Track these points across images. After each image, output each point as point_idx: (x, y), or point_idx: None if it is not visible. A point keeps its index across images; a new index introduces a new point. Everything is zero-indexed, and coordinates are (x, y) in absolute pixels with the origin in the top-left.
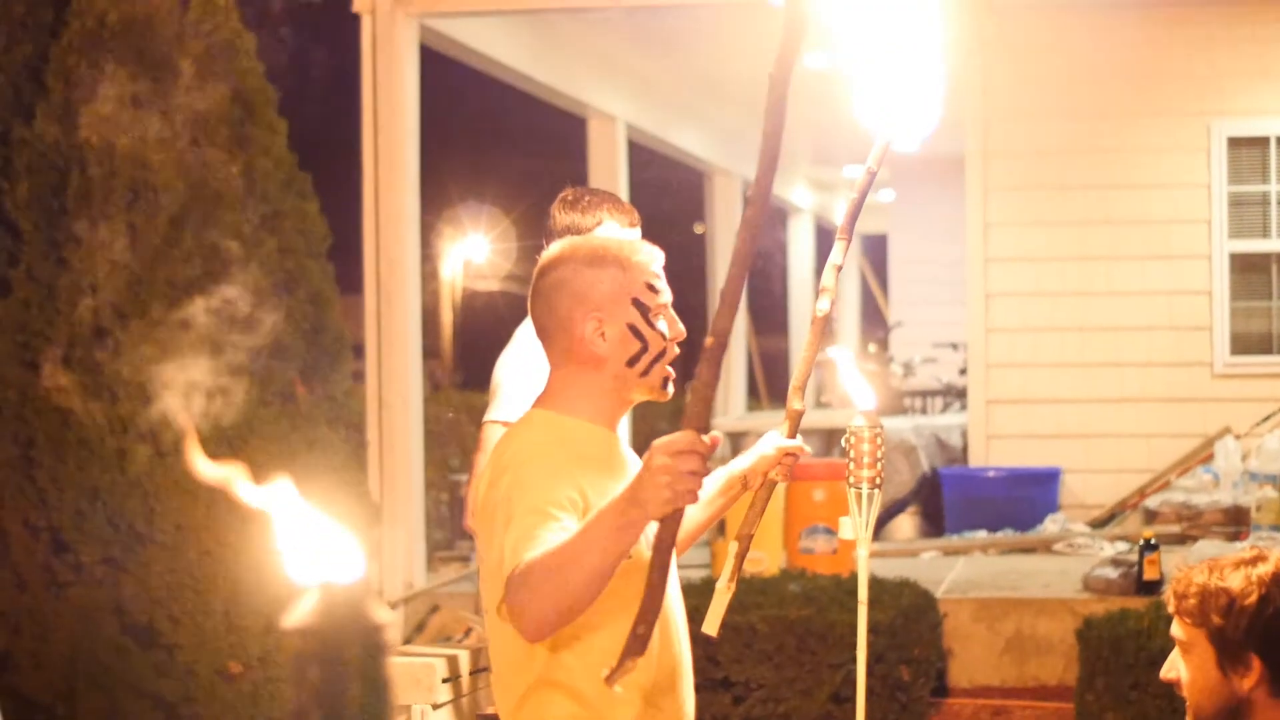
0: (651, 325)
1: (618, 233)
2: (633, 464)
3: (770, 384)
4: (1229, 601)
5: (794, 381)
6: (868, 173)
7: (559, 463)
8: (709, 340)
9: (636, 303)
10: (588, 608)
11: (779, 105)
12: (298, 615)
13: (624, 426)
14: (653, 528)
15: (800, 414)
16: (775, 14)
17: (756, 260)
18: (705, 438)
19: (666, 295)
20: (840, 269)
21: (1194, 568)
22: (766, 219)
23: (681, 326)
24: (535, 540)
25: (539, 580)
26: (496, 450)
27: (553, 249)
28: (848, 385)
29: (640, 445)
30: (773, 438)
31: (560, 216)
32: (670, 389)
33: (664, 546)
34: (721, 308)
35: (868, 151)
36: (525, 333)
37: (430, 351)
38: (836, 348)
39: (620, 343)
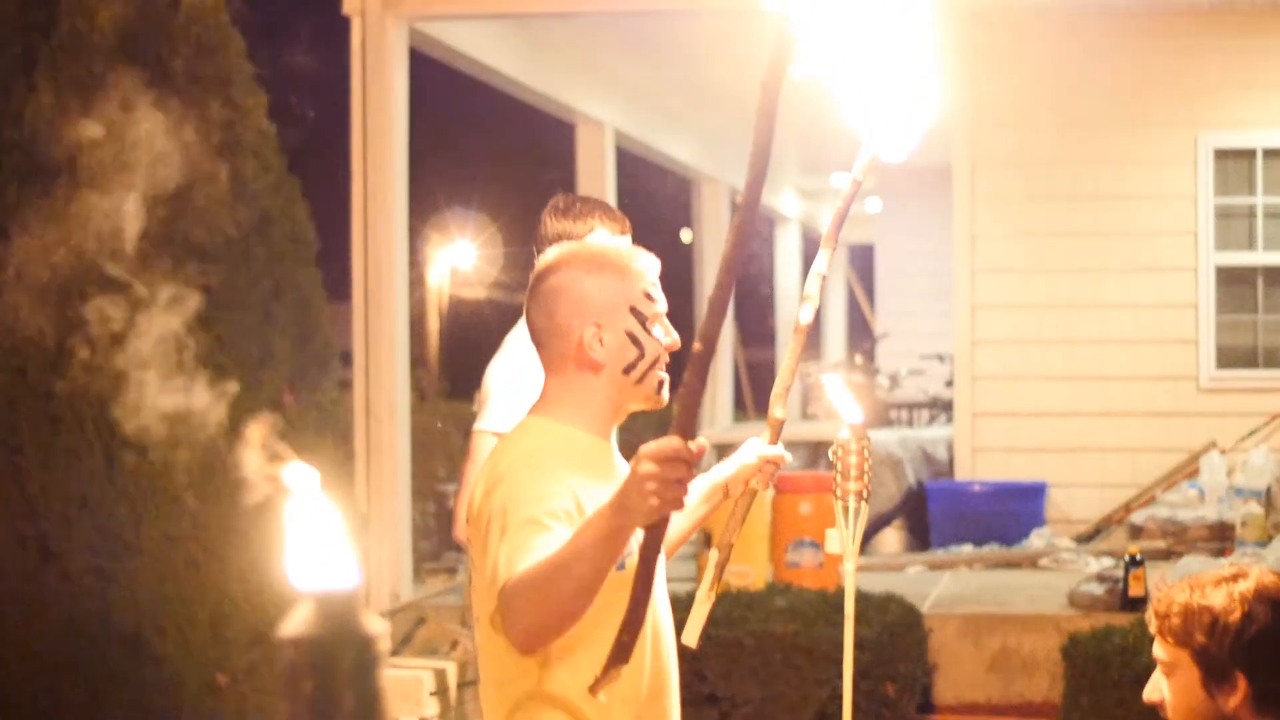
0: (649, 333)
1: (609, 240)
2: (626, 473)
3: (757, 395)
4: (1212, 620)
5: (775, 390)
6: (853, 182)
7: (554, 472)
8: (696, 346)
9: (634, 310)
10: (580, 618)
11: (769, 114)
12: (291, 624)
13: (614, 435)
14: (640, 536)
15: (781, 422)
16: (764, 22)
17: (743, 268)
18: (692, 445)
19: (662, 304)
20: (825, 277)
21: (1174, 587)
22: (755, 227)
23: (676, 335)
24: (529, 551)
25: (530, 591)
26: (491, 458)
27: (550, 254)
28: (835, 400)
29: (628, 455)
30: (754, 445)
31: (552, 224)
32: (666, 394)
33: (649, 555)
34: (709, 315)
35: (855, 160)
36: (515, 340)
37: (417, 360)
38: (828, 374)
39: (618, 349)
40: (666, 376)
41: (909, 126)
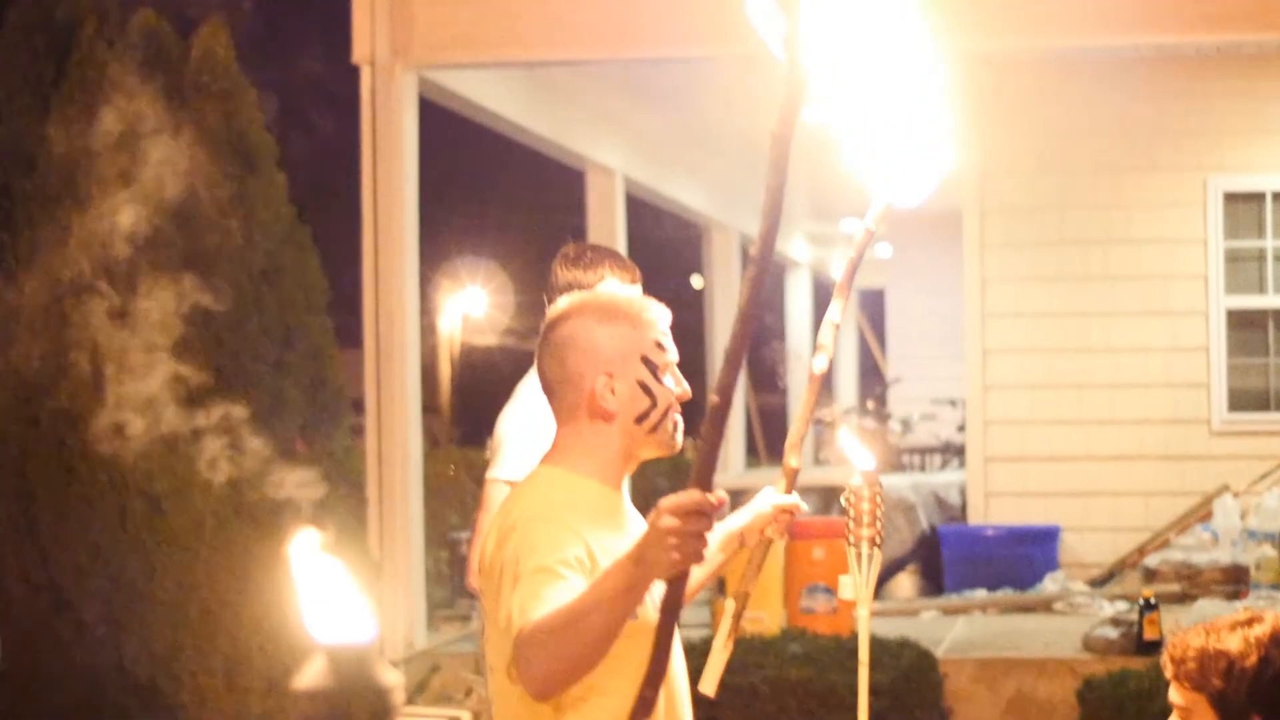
0: (660, 382)
1: (619, 289)
2: (637, 523)
3: (769, 441)
4: (1228, 664)
5: (790, 439)
6: (866, 232)
7: (566, 522)
8: (713, 399)
9: (646, 360)
10: (595, 666)
11: (781, 163)
12: (306, 676)
13: (625, 483)
14: (659, 587)
15: (796, 471)
16: (774, 68)
17: (758, 319)
18: (711, 497)
19: (673, 353)
20: (838, 326)
21: (1189, 632)
22: (768, 278)
23: (687, 385)
24: (543, 600)
25: (546, 639)
26: (503, 508)
27: (562, 304)
28: (847, 449)
29: (639, 501)
30: (769, 495)
31: (562, 273)
32: (680, 439)
33: (670, 608)
34: (725, 367)
35: (866, 206)
36: (527, 388)
37: (428, 406)
38: (841, 427)
39: (630, 399)
40: (680, 421)
41: (923, 174)
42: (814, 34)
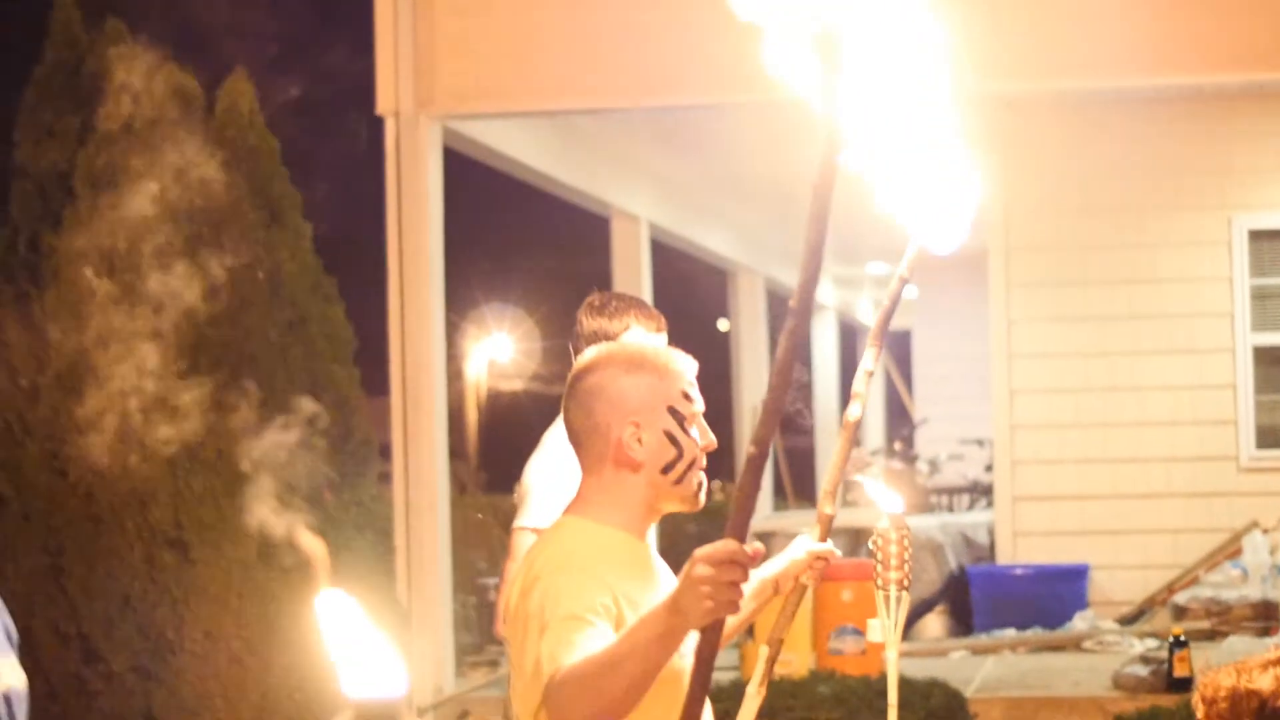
0: (686, 433)
1: (644, 338)
2: (663, 572)
3: (796, 483)
4: (1260, 704)
5: (825, 486)
6: (899, 279)
7: (592, 570)
8: (750, 450)
9: (672, 410)
10: (629, 713)
11: (822, 216)
12: None
13: (651, 532)
14: (692, 636)
15: (831, 519)
16: (797, 113)
17: (795, 371)
18: (748, 548)
19: (700, 404)
20: (871, 375)
21: (1219, 671)
22: (808, 330)
23: (713, 436)
24: (572, 646)
25: (579, 686)
26: (528, 558)
27: (589, 354)
28: (873, 495)
29: (668, 547)
30: (803, 542)
31: (587, 322)
32: (703, 498)
33: (705, 657)
34: (763, 418)
35: (891, 248)
36: (554, 437)
37: (455, 452)
38: (864, 476)
39: (657, 449)
40: (704, 479)
41: (956, 219)
42: (846, 79)
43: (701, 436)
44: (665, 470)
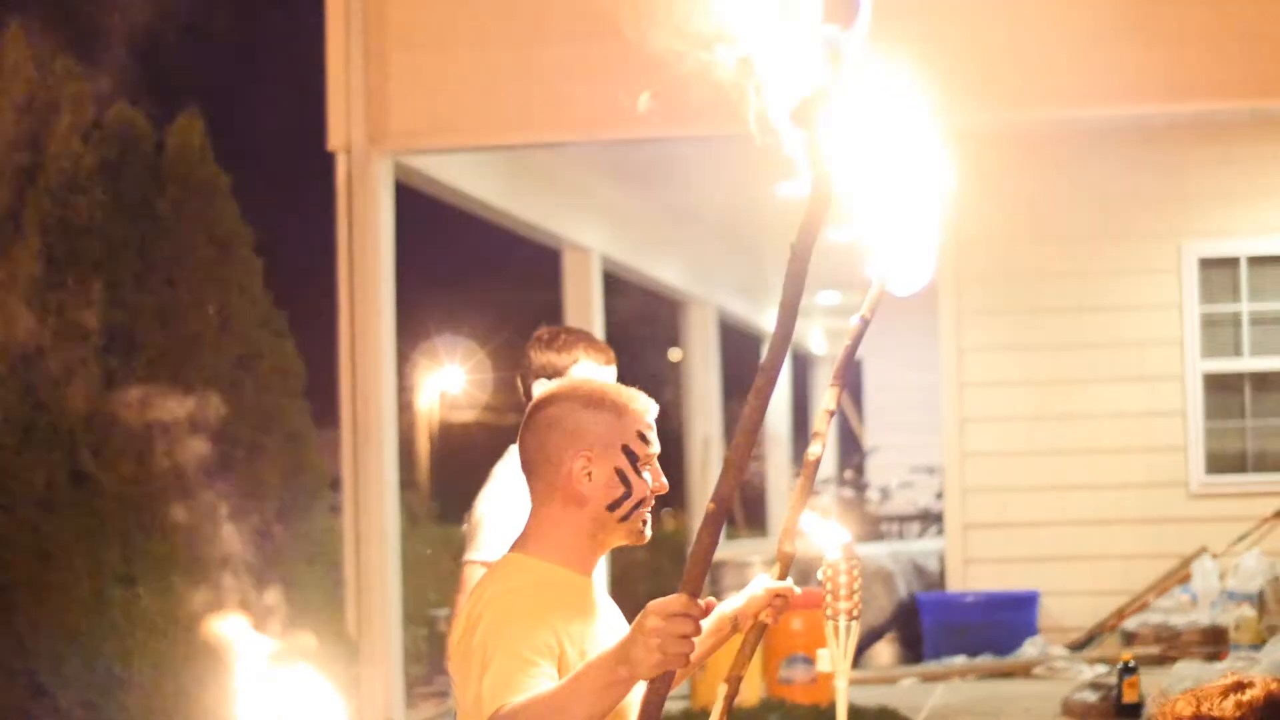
0: (638, 473)
1: (593, 371)
2: (607, 610)
3: (747, 510)
4: None
5: (785, 524)
6: (861, 320)
7: (535, 608)
8: (710, 506)
9: (627, 449)
10: None
11: (799, 276)
12: None
13: (602, 562)
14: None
15: (791, 557)
16: (749, 146)
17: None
18: (700, 602)
19: (656, 447)
20: (832, 414)
21: (1177, 700)
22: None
23: (665, 480)
24: (513, 686)
25: None
26: (474, 594)
27: (551, 388)
28: (818, 533)
29: (619, 575)
30: (763, 580)
31: (536, 356)
32: (648, 533)
33: (652, 707)
34: (725, 473)
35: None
36: (504, 470)
37: (407, 483)
38: (805, 514)
39: (605, 485)
40: (649, 517)
41: (918, 262)
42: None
43: (654, 479)
44: (611, 507)
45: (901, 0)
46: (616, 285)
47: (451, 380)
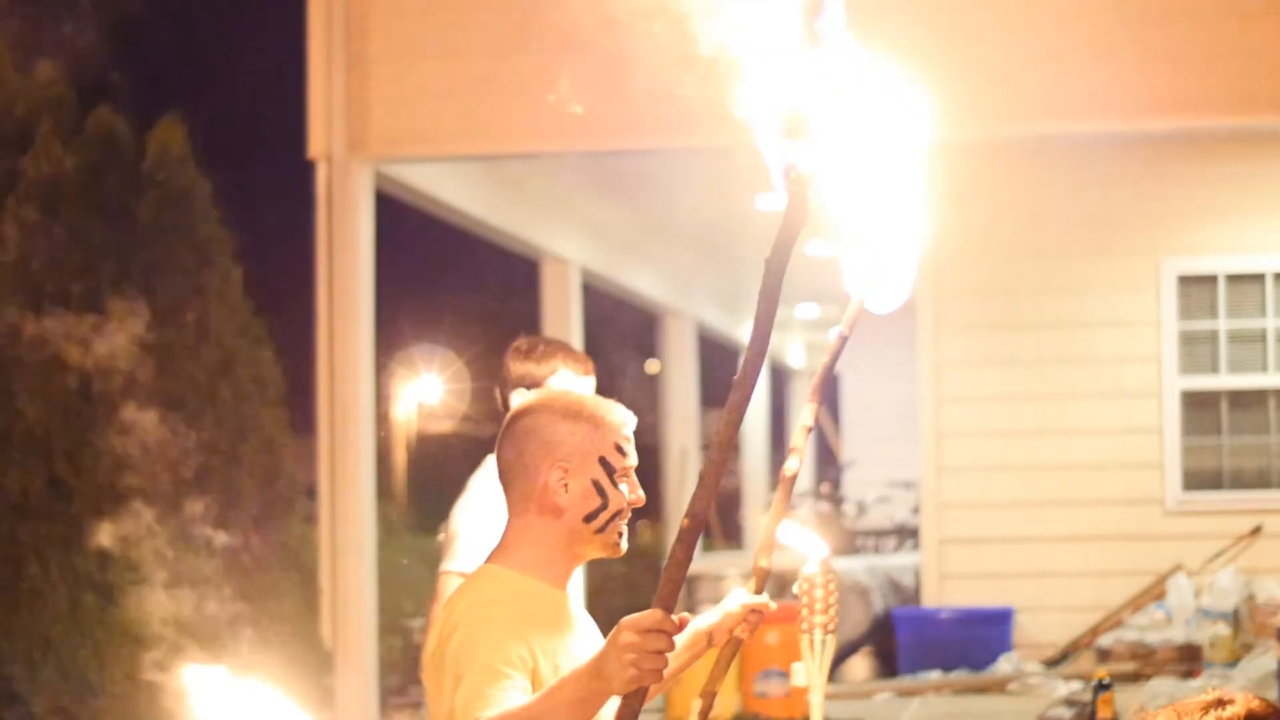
0: (614, 485)
1: (572, 381)
2: (582, 624)
3: (723, 522)
4: None
5: (761, 540)
6: (840, 337)
7: (509, 621)
8: (684, 523)
9: (603, 461)
10: None
11: (773, 291)
12: None
13: (578, 574)
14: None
15: (767, 572)
16: (728, 159)
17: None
18: (674, 618)
19: (633, 459)
20: (810, 430)
21: (1158, 714)
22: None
23: (641, 492)
24: (486, 698)
25: None
26: (448, 605)
27: (530, 398)
28: (795, 543)
29: (595, 588)
30: (738, 595)
31: (514, 366)
32: (624, 546)
33: None
34: (699, 489)
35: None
36: (481, 481)
37: (384, 492)
38: (784, 524)
39: (581, 497)
40: (625, 529)
41: (896, 280)
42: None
43: (630, 491)
44: (588, 519)
45: (882, 16)
46: (595, 296)
47: (429, 390)
